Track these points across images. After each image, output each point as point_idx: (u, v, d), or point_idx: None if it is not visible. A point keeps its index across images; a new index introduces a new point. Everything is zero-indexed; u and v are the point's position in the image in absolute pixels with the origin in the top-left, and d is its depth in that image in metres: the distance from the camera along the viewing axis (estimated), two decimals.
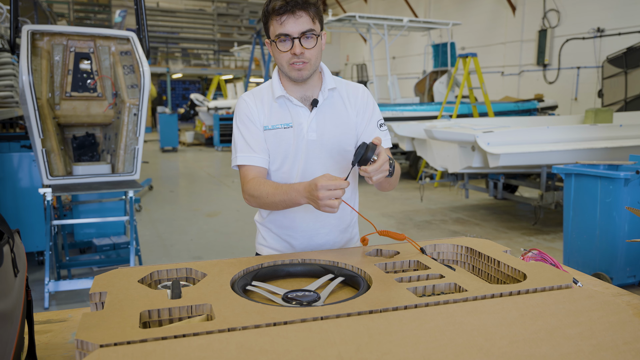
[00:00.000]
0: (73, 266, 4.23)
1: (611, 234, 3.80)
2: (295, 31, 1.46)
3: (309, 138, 1.59)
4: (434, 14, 16.64)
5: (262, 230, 1.76)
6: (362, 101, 1.66)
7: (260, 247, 1.79)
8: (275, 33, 1.48)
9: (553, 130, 5.77)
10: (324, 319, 0.99)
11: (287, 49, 1.49)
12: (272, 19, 1.48)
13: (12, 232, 0.99)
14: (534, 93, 12.84)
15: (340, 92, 1.66)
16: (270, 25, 1.50)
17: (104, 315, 0.97)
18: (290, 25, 1.46)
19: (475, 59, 8.52)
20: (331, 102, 1.63)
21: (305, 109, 1.60)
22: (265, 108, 1.61)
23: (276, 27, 1.47)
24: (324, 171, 1.60)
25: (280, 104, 1.61)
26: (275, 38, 1.49)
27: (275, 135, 1.59)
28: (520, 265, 1.29)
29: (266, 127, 1.60)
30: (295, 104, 1.60)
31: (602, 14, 11.40)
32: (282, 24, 1.46)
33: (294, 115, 1.60)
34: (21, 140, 4.33)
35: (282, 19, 1.45)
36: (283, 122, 1.59)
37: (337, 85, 1.65)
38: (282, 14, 1.45)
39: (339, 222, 1.71)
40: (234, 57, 21.90)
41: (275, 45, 1.51)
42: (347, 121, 1.64)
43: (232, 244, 5.37)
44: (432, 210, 6.98)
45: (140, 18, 3.92)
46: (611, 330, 0.98)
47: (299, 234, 1.68)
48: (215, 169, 10.96)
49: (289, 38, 1.47)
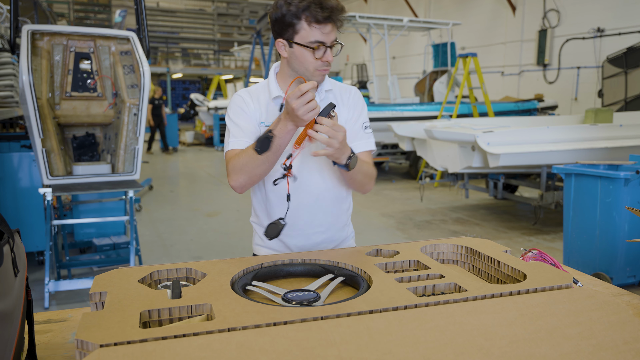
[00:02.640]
0: (73, 266, 4.23)
1: (611, 234, 3.80)
2: (330, 40, 1.51)
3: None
4: (434, 14, 16.65)
5: (259, 230, 1.76)
6: (353, 101, 1.70)
7: (257, 247, 1.79)
8: (312, 39, 1.50)
9: (553, 130, 5.77)
10: (324, 319, 0.99)
11: (321, 56, 1.52)
12: (309, 25, 1.49)
13: (12, 232, 0.99)
14: (534, 93, 12.84)
15: (334, 93, 1.69)
16: (301, 28, 1.50)
17: (104, 315, 0.97)
18: (330, 35, 1.50)
19: (475, 59, 8.52)
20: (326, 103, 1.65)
21: None
22: (261, 106, 1.62)
23: (315, 34, 1.49)
24: (318, 169, 1.64)
25: (277, 104, 1.62)
26: (314, 45, 1.50)
27: None
28: (520, 265, 1.29)
29: (263, 123, 1.61)
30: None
31: (602, 14, 11.40)
32: (323, 32, 1.49)
33: None
34: (21, 140, 4.33)
35: (325, 29, 1.49)
36: None
37: (332, 87, 1.68)
38: (327, 23, 1.48)
39: (335, 220, 1.72)
40: (234, 57, 21.92)
41: (303, 48, 1.51)
42: (340, 118, 1.66)
43: (232, 244, 5.37)
44: (432, 210, 6.98)
45: (140, 18, 3.92)
46: (611, 330, 0.98)
47: (296, 232, 1.68)
48: (215, 169, 10.96)
49: (324, 46, 1.51)
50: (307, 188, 1.64)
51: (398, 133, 7.17)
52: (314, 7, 1.46)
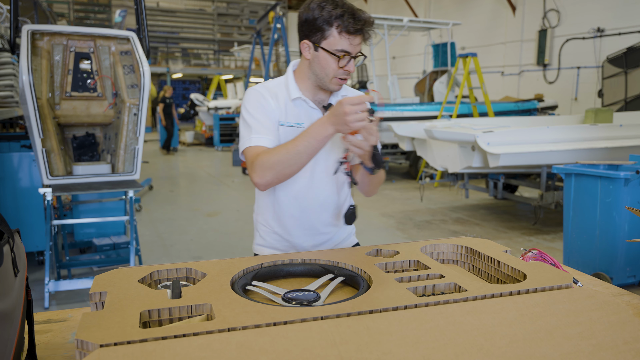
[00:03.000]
0: (73, 266, 4.23)
1: (611, 234, 3.80)
2: (356, 51, 1.53)
3: None
4: (434, 14, 16.65)
5: (262, 230, 1.77)
6: None
7: (259, 247, 1.79)
8: (339, 48, 1.50)
9: (553, 130, 5.77)
10: (324, 319, 0.99)
11: (344, 65, 1.54)
12: (339, 34, 1.49)
13: (12, 232, 0.99)
14: (534, 93, 12.84)
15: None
16: (330, 35, 1.50)
17: (104, 315, 0.97)
18: (357, 47, 1.52)
19: (475, 59, 8.52)
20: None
21: (318, 111, 1.65)
22: (281, 104, 1.62)
23: (343, 44, 1.50)
24: (330, 172, 1.66)
25: (296, 105, 1.63)
26: (340, 54, 1.51)
27: (289, 133, 1.62)
28: (520, 265, 1.29)
29: (282, 122, 1.62)
30: (311, 107, 1.64)
31: (602, 14, 11.40)
32: (351, 43, 1.50)
33: (307, 116, 1.63)
34: (21, 140, 4.33)
35: (355, 40, 1.50)
36: (297, 122, 1.62)
37: (347, 94, 1.71)
38: (357, 35, 1.49)
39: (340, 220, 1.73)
40: (234, 57, 21.91)
41: (328, 55, 1.52)
42: None
43: (232, 244, 5.37)
44: (432, 210, 6.98)
45: (140, 18, 3.92)
46: (611, 330, 0.98)
47: (303, 231, 1.70)
48: (215, 169, 10.96)
49: (349, 56, 1.52)
50: (318, 189, 1.67)
51: (398, 133, 7.17)
52: (348, 17, 1.47)
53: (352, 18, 1.46)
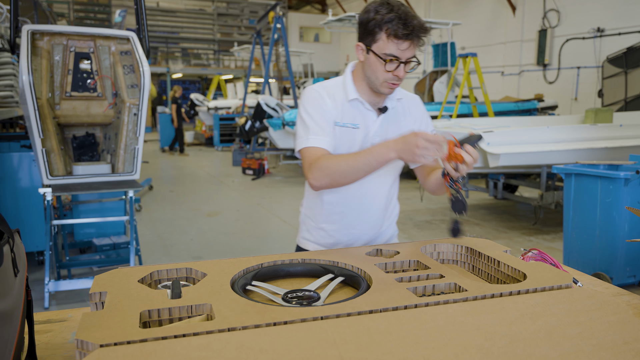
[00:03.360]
0: (73, 266, 4.23)
1: (611, 234, 3.80)
2: (406, 56, 1.51)
3: (374, 142, 1.65)
4: (434, 14, 16.65)
5: (309, 224, 1.81)
6: (419, 111, 1.76)
7: (304, 241, 1.84)
8: (386, 52, 1.50)
9: (553, 130, 5.77)
10: (324, 319, 0.99)
11: (392, 70, 1.53)
12: (389, 37, 1.48)
13: (12, 232, 0.99)
14: (534, 93, 12.84)
15: (403, 102, 1.73)
16: (380, 39, 1.50)
17: (104, 315, 0.97)
18: (407, 52, 1.50)
19: (475, 58, 8.52)
20: (396, 110, 1.71)
21: (373, 113, 1.66)
22: (337, 105, 1.65)
23: (390, 48, 1.49)
24: (380, 174, 1.68)
25: (352, 106, 1.65)
26: (387, 58, 1.51)
27: (344, 133, 1.64)
28: (520, 265, 1.29)
29: (338, 123, 1.64)
30: (367, 107, 1.65)
31: (602, 14, 11.40)
32: (399, 48, 1.49)
33: (362, 117, 1.65)
34: (21, 140, 4.33)
35: (402, 45, 1.49)
36: (352, 123, 1.64)
37: (402, 96, 1.72)
38: (405, 40, 1.48)
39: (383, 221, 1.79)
40: (234, 57, 21.90)
41: (377, 58, 1.52)
42: (407, 129, 1.70)
43: (232, 244, 5.37)
44: (432, 210, 6.98)
45: (140, 18, 3.92)
46: (611, 330, 0.98)
47: (347, 231, 1.74)
48: (215, 169, 10.96)
49: (398, 61, 1.51)
50: (368, 192, 1.71)
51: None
52: (397, 22, 1.46)
53: (403, 23, 1.46)
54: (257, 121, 9.41)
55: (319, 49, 21.22)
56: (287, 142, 9.24)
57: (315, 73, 17.10)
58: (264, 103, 9.38)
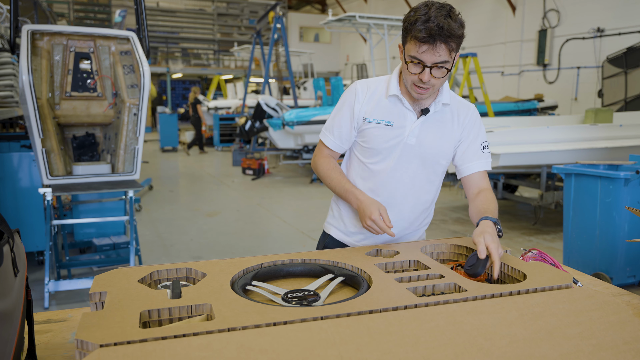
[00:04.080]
0: (73, 266, 4.23)
1: (611, 234, 3.80)
2: (430, 61, 1.45)
3: (408, 142, 1.63)
4: None
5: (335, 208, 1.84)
6: (470, 120, 1.69)
7: (329, 226, 1.86)
8: (410, 54, 1.47)
9: (553, 130, 5.77)
10: (324, 319, 0.99)
11: (417, 73, 1.49)
12: (411, 39, 1.46)
13: (12, 232, 0.99)
14: (534, 93, 12.84)
15: (452, 108, 1.67)
16: (407, 40, 1.48)
17: (104, 315, 0.97)
18: (426, 55, 1.44)
19: (475, 58, 8.52)
20: (441, 115, 1.66)
21: (413, 113, 1.63)
22: (373, 101, 1.64)
23: (412, 49, 1.46)
24: (411, 176, 1.67)
25: (391, 102, 1.63)
26: (408, 60, 1.49)
27: (373, 130, 1.63)
28: (520, 265, 1.29)
29: (367, 119, 1.64)
30: (406, 106, 1.62)
31: (602, 14, 11.40)
32: (419, 51, 1.45)
33: (399, 116, 1.63)
34: (21, 140, 4.33)
35: (421, 48, 1.44)
36: (385, 119, 1.63)
37: (450, 102, 1.66)
38: (423, 43, 1.43)
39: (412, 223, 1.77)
40: (234, 57, 21.91)
41: (405, 59, 1.51)
42: (451, 137, 1.66)
43: (232, 244, 5.37)
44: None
45: (140, 18, 3.92)
46: (611, 330, 0.98)
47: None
48: (215, 169, 10.96)
49: (422, 64, 1.47)
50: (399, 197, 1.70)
51: None
52: (420, 24, 1.41)
53: (423, 25, 1.40)
54: (257, 121, 9.41)
55: (319, 49, 21.23)
56: (287, 142, 9.24)
57: (315, 73, 17.10)
58: (264, 103, 9.38)
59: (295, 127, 8.56)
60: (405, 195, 1.69)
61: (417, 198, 1.71)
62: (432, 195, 1.75)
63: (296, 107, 10.30)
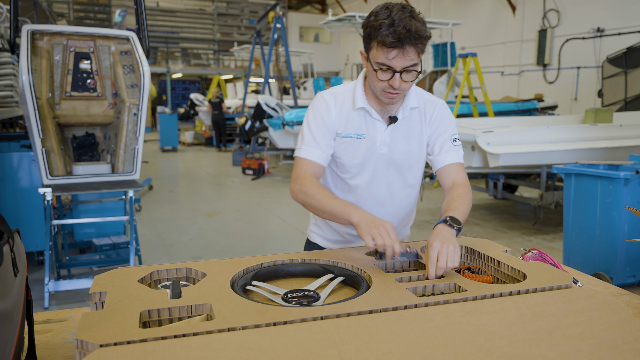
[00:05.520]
0: (73, 266, 4.23)
1: (611, 234, 3.80)
2: (400, 66, 1.40)
3: (380, 151, 1.60)
4: (434, 14, 16.64)
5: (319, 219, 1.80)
6: (438, 116, 1.64)
7: (312, 234, 1.84)
8: (378, 61, 1.41)
9: (553, 130, 5.77)
10: (324, 319, 0.99)
11: (386, 79, 1.44)
12: (377, 45, 1.39)
13: (12, 232, 0.99)
14: (534, 93, 12.84)
15: (419, 109, 1.64)
16: (373, 46, 1.42)
17: (103, 315, 0.97)
18: (396, 61, 1.39)
19: (475, 58, 8.52)
20: (409, 119, 1.62)
21: (382, 122, 1.60)
22: (343, 115, 1.59)
23: (380, 56, 1.40)
24: (389, 185, 1.65)
25: (359, 115, 1.59)
26: (377, 67, 1.43)
27: (346, 144, 1.60)
28: (520, 265, 1.29)
29: (340, 134, 1.59)
30: (374, 117, 1.59)
31: (602, 14, 11.40)
32: (388, 57, 1.39)
33: (369, 127, 1.59)
34: (21, 140, 4.33)
35: (390, 54, 1.38)
36: (357, 132, 1.59)
37: (418, 105, 1.63)
38: (392, 48, 1.37)
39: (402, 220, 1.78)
40: (234, 57, 21.90)
41: (372, 67, 1.45)
42: (420, 139, 1.64)
43: (232, 244, 5.37)
44: (432, 210, 6.98)
45: (140, 18, 3.92)
46: (611, 330, 0.98)
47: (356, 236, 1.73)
48: (215, 169, 10.96)
49: (391, 70, 1.41)
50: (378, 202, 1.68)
51: None
52: (385, 29, 1.35)
53: (389, 30, 1.34)
54: (257, 121, 9.41)
55: (319, 49, 21.23)
56: (287, 142, 9.24)
57: (315, 73, 17.09)
58: (264, 103, 9.38)
59: (295, 127, 8.56)
60: (385, 204, 1.68)
61: (398, 204, 1.70)
62: (413, 198, 1.74)
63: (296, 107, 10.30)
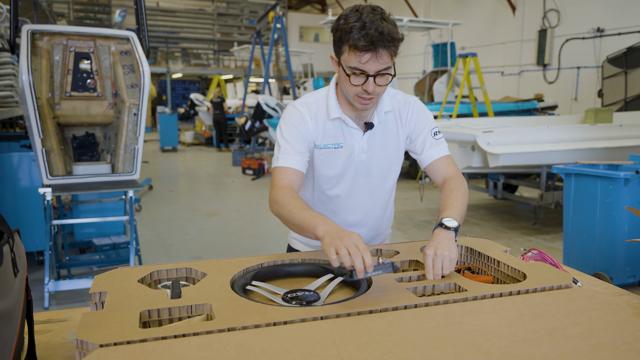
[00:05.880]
0: (73, 266, 4.23)
1: (611, 234, 3.80)
2: (373, 70, 1.36)
3: (359, 159, 1.58)
4: (434, 13, 16.65)
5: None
6: (414, 116, 1.61)
7: (293, 240, 1.82)
8: (350, 65, 1.37)
9: (553, 130, 5.77)
10: (324, 319, 0.99)
11: (360, 84, 1.40)
12: (349, 49, 1.35)
13: (12, 232, 0.99)
14: (534, 93, 12.84)
15: (394, 112, 1.61)
16: (344, 50, 1.37)
17: (103, 315, 0.97)
18: (370, 64, 1.35)
19: (475, 58, 8.52)
20: (385, 124, 1.60)
21: (358, 130, 1.57)
22: (319, 126, 1.56)
23: (352, 60, 1.36)
24: (370, 191, 1.64)
25: (334, 124, 1.56)
26: (349, 72, 1.39)
27: (325, 155, 1.58)
28: (520, 265, 1.29)
29: (318, 145, 1.57)
30: (350, 126, 1.56)
31: (602, 14, 11.40)
32: (361, 61, 1.35)
33: (346, 135, 1.57)
34: (21, 140, 4.33)
35: (363, 58, 1.34)
36: (334, 142, 1.57)
37: (392, 107, 1.60)
38: (365, 52, 1.33)
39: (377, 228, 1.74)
40: (234, 57, 21.91)
41: (344, 71, 1.41)
42: (397, 142, 1.62)
43: (232, 244, 5.37)
44: (432, 210, 6.98)
45: (140, 18, 3.92)
46: (611, 330, 0.98)
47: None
48: (215, 169, 10.96)
49: (364, 74, 1.38)
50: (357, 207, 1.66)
51: None
52: (357, 32, 1.31)
53: (361, 33, 1.30)
54: (257, 121, 9.41)
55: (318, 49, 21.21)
56: None
57: (315, 73, 17.10)
58: (263, 103, 9.38)
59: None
60: (367, 210, 1.67)
61: (380, 208, 1.69)
62: (392, 194, 1.72)
63: None
